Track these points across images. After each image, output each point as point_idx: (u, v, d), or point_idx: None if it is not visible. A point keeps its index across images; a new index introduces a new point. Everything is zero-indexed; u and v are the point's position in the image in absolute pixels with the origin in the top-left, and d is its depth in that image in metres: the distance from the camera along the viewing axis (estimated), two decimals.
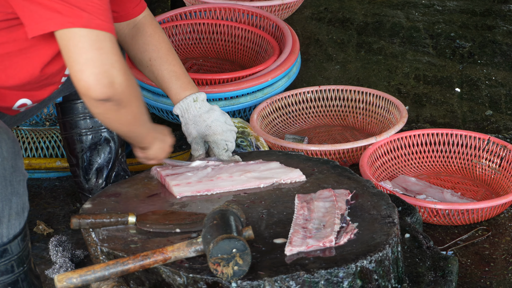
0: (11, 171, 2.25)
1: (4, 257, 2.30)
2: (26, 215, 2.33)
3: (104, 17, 2.19)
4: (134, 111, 2.32)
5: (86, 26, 2.16)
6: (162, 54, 2.74)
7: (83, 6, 2.16)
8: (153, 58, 2.73)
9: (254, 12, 4.03)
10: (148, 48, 2.74)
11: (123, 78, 2.20)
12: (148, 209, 2.52)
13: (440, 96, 3.96)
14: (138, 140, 2.53)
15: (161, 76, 2.73)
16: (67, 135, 2.99)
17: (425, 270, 2.48)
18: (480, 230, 3.05)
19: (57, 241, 2.85)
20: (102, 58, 2.16)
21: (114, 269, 2.19)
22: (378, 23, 4.49)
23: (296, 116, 3.70)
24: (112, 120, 2.32)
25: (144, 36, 2.74)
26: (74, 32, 2.16)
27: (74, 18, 2.15)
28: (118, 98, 2.22)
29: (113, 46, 2.19)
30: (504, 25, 4.47)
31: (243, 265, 2.13)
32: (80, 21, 2.16)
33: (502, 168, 3.26)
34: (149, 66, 2.74)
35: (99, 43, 2.16)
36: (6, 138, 2.24)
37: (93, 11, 2.17)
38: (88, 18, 2.16)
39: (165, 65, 2.73)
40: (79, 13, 2.16)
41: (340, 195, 2.49)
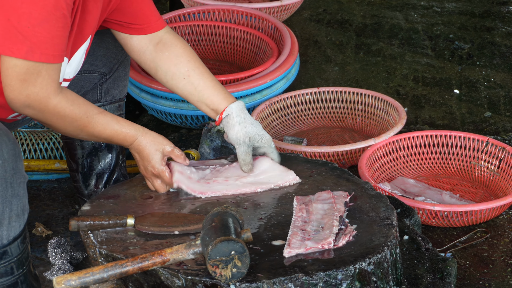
0: (11, 173, 2.25)
1: (3, 259, 2.30)
2: (26, 217, 2.33)
3: (48, 46, 2.32)
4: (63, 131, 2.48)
5: (22, 57, 2.31)
6: (198, 65, 2.71)
7: (28, 35, 2.29)
8: (191, 69, 2.69)
9: (252, 14, 4.03)
10: (183, 60, 2.70)
11: (38, 107, 2.38)
12: (146, 211, 2.52)
13: (439, 97, 3.96)
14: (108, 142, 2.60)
15: (204, 85, 2.68)
16: (67, 140, 2.98)
17: (423, 272, 2.48)
18: (479, 232, 3.05)
19: (56, 243, 2.85)
20: (20, 89, 2.34)
21: (112, 271, 2.19)
22: (377, 24, 4.49)
23: (294, 117, 3.70)
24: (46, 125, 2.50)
25: (176, 48, 2.71)
26: (8, 59, 2.32)
27: (14, 46, 2.29)
28: (34, 118, 2.44)
29: (40, 77, 2.35)
30: (503, 26, 4.48)
31: (241, 267, 2.13)
32: (19, 51, 2.30)
33: (500, 169, 3.26)
34: (187, 78, 2.69)
35: (25, 75, 2.33)
36: (7, 140, 2.25)
37: (38, 40, 2.30)
38: (29, 48, 2.30)
39: (206, 75, 2.69)
40: (21, 42, 2.29)
41: (338, 197, 2.49)
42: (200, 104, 2.70)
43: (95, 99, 2.93)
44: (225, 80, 3.57)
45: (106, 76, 2.91)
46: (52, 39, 2.31)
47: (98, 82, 2.91)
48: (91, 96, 2.92)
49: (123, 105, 3.02)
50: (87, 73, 2.87)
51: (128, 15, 2.69)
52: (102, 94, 2.94)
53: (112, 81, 2.93)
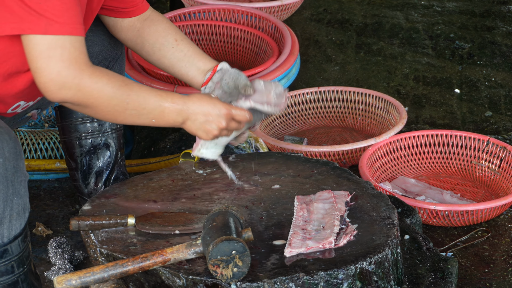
0: (12, 172, 2.25)
1: (4, 257, 2.30)
2: (27, 216, 2.34)
3: (65, 18, 2.24)
4: (107, 109, 2.32)
5: (42, 32, 2.22)
6: (185, 36, 2.76)
7: (42, 10, 2.21)
8: (179, 39, 2.73)
9: (253, 13, 4.03)
10: (170, 31, 2.74)
11: (74, 84, 2.25)
12: (147, 210, 2.52)
13: (439, 97, 3.96)
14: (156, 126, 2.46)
15: (193, 50, 2.71)
16: (66, 139, 2.98)
17: (424, 272, 2.48)
18: (479, 232, 3.05)
19: (56, 243, 2.85)
20: (48, 67, 2.23)
21: (113, 271, 2.19)
22: (378, 24, 4.49)
23: (295, 117, 3.70)
24: (90, 115, 2.39)
25: (162, 23, 2.75)
26: (29, 38, 2.23)
27: (31, 24, 2.21)
28: (72, 102, 2.28)
29: (65, 50, 2.24)
30: (503, 26, 4.47)
31: (242, 266, 2.13)
32: (37, 27, 2.21)
33: (501, 169, 3.26)
34: (175, 46, 2.72)
35: (48, 51, 2.23)
36: (8, 138, 2.25)
37: (53, 14, 2.22)
38: (46, 23, 2.22)
39: (193, 44, 2.74)
40: (37, 18, 2.21)
41: (339, 196, 2.49)
42: (189, 69, 2.71)
43: None
44: None
45: None
46: (68, 11, 2.25)
47: None
48: None
49: None
50: None
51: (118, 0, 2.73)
52: None
53: None
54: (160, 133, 3.67)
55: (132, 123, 2.41)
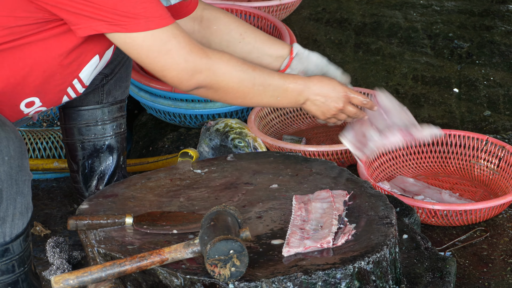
0: (17, 170, 2.26)
1: (5, 256, 2.30)
2: (29, 215, 2.34)
3: (159, 12, 2.26)
4: (235, 87, 2.36)
5: (149, 29, 2.24)
6: (247, 26, 2.79)
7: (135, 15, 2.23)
8: (243, 31, 2.76)
9: (251, 13, 4.02)
10: (232, 27, 2.76)
11: (204, 65, 2.29)
12: (145, 210, 2.52)
13: (438, 96, 3.96)
14: (280, 106, 2.53)
15: (260, 40, 2.75)
16: (68, 141, 2.97)
17: (423, 271, 2.48)
18: (478, 231, 3.05)
19: (54, 243, 2.85)
20: (173, 59, 2.26)
21: (111, 270, 2.19)
22: (376, 23, 4.48)
23: (294, 116, 3.69)
24: (220, 100, 2.41)
25: (221, 19, 2.77)
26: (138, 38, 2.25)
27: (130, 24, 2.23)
28: (207, 84, 2.32)
29: (176, 38, 2.26)
30: (502, 25, 4.47)
31: (240, 266, 2.12)
32: (138, 26, 2.23)
33: (500, 168, 3.26)
34: (242, 40, 2.76)
35: (165, 45, 2.26)
36: (14, 137, 2.26)
37: (145, 12, 2.24)
38: (145, 22, 2.23)
39: (257, 32, 2.77)
40: (134, 19, 2.23)
41: (337, 196, 2.49)
42: (262, 59, 2.76)
43: (96, 100, 2.93)
44: None
45: (107, 77, 2.90)
46: (157, 5, 2.26)
47: (100, 83, 2.91)
48: (92, 97, 2.92)
49: (124, 106, 3.02)
50: None
51: None
52: (103, 95, 2.94)
53: (114, 82, 2.93)
54: (159, 133, 3.67)
55: (258, 103, 2.45)
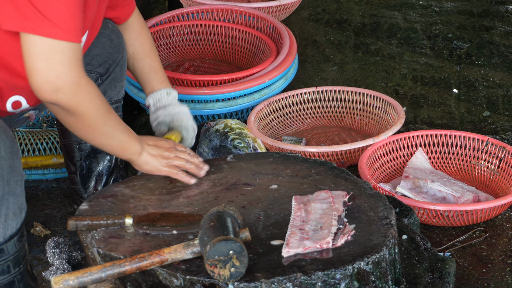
0: (8, 171, 2.25)
1: (0, 257, 2.30)
2: (23, 215, 2.34)
3: (68, 25, 2.28)
4: (86, 121, 2.39)
5: (44, 35, 2.25)
6: (145, 49, 2.92)
7: (47, 13, 2.24)
8: (136, 52, 2.92)
9: (251, 13, 4.03)
10: (134, 42, 2.92)
11: (70, 89, 2.29)
12: (145, 210, 2.52)
13: (437, 97, 3.96)
14: (111, 152, 2.60)
15: (141, 68, 2.92)
16: (65, 143, 2.98)
17: (422, 272, 2.48)
18: (477, 232, 3.05)
19: (54, 243, 2.85)
20: (48, 69, 2.26)
21: (110, 271, 2.19)
22: (376, 24, 4.49)
23: (293, 117, 3.70)
24: (64, 122, 2.42)
25: (132, 31, 2.92)
26: (29, 37, 2.26)
27: (35, 25, 2.24)
28: (64, 106, 2.32)
29: (65, 56, 2.28)
30: (501, 26, 4.47)
31: (240, 266, 2.12)
32: (40, 29, 2.24)
33: (500, 169, 3.26)
34: (131, 59, 2.93)
35: (49, 53, 2.26)
36: (5, 137, 2.25)
37: (56, 19, 2.25)
38: (50, 26, 2.25)
39: (146, 60, 2.92)
40: (41, 20, 2.24)
41: (337, 196, 2.49)
42: (139, 82, 2.97)
43: None
44: (223, 80, 3.57)
45: (102, 77, 2.91)
46: (72, 17, 2.29)
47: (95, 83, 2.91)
48: None
49: (120, 106, 3.03)
50: None
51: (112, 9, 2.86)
52: None
53: (109, 82, 2.93)
54: None
55: (100, 142, 2.50)
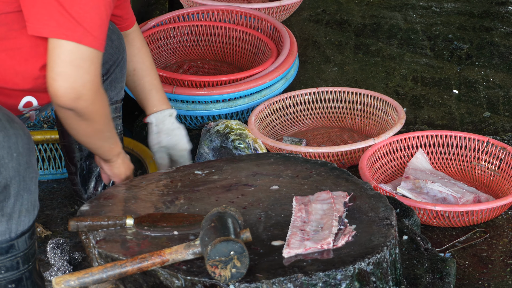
0: (25, 167, 2.27)
1: (10, 252, 2.31)
2: (36, 213, 2.35)
3: (98, 33, 2.31)
4: (96, 127, 2.46)
5: (77, 41, 2.28)
6: (145, 67, 2.98)
7: (81, 20, 2.27)
8: (137, 69, 2.97)
9: (252, 14, 4.03)
10: (134, 59, 2.97)
11: (91, 98, 2.33)
12: (146, 211, 2.52)
13: (438, 97, 3.96)
14: (98, 153, 2.68)
15: (142, 86, 2.98)
16: (65, 143, 2.98)
17: (423, 272, 2.48)
18: (478, 232, 3.05)
19: (55, 244, 2.85)
20: (76, 75, 2.29)
21: (112, 271, 2.19)
22: (376, 25, 4.49)
23: (294, 118, 3.70)
24: (72, 127, 2.46)
25: (132, 48, 2.96)
26: (62, 43, 2.27)
27: (68, 31, 2.26)
28: (80, 112, 2.36)
29: (93, 65, 2.32)
30: (502, 26, 4.48)
31: (241, 267, 2.13)
32: (74, 35, 2.27)
33: (501, 170, 3.26)
34: (131, 76, 2.98)
35: (80, 60, 2.29)
36: (22, 134, 2.27)
37: (90, 27, 2.28)
38: (83, 33, 2.28)
39: (147, 77, 2.97)
40: (75, 26, 2.27)
41: (338, 197, 2.49)
42: (139, 102, 3.04)
43: None
44: (224, 81, 3.57)
45: (103, 77, 2.91)
46: (101, 27, 2.32)
47: None
48: None
49: (120, 107, 3.03)
50: None
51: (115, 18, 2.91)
52: None
53: (109, 83, 2.94)
54: None
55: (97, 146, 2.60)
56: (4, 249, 2.30)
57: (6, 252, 2.30)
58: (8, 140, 2.23)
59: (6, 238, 2.29)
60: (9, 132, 2.24)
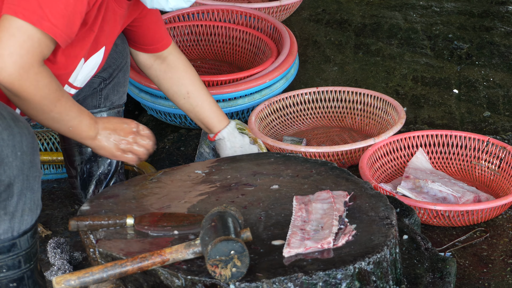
0: (29, 166, 2.27)
1: (12, 251, 2.31)
2: (38, 212, 2.35)
3: (59, 22, 2.30)
4: (33, 106, 2.37)
5: (31, 23, 2.26)
6: (198, 87, 3.02)
7: (45, 6, 2.26)
8: (191, 91, 3.01)
9: (252, 14, 4.03)
10: (184, 82, 3.00)
11: (15, 71, 2.27)
12: (146, 211, 2.52)
13: (438, 97, 3.96)
14: (66, 135, 2.55)
15: (201, 106, 3.02)
16: (66, 147, 2.98)
17: (423, 272, 2.48)
18: (478, 232, 3.05)
19: (55, 243, 2.85)
20: (6, 43, 2.26)
21: (112, 271, 2.19)
22: (376, 24, 4.49)
23: (294, 117, 3.70)
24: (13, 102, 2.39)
25: (178, 71, 2.99)
26: (15, 22, 2.27)
27: (27, 11, 2.25)
28: (5, 86, 2.30)
29: (29, 41, 2.28)
30: (501, 26, 4.48)
31: (241, 267, 2.13)
32: (31, 17, 2.26)
33: (501, 169, 3.26)
34: (186, 98, 3.01)
35: (17, 31, 2.26)
36: (27, 133, 2.27)
37: (50, 12, 2.27)
38: (40, 16, 2.27)
39: (204, 97, 3.03)
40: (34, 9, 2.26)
41: (338, 196, 2.49)
42: (197, 121, 3.08)
43: (94, 104, 2.94)
44: (224, 80, 3.57)
45: (105, 81, 2.91)
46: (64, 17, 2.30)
47: (98, 87, 2.92)
48: (90, 101, 2.93)
49: (122, 111, 3.04)
50: None
51: (139, 37, 2.91)
52: (101, 99, 2.95)
53: (112, 87, 2.94)
54: (159, 134, 3.67)
55: (48, 125, 2.48)
56: (6, 247, 2.30)
57: (8, 251, 2.30)
58: (13, 138, 2.23)
59: (8, 236, 2.29)
60: (14, 130, 2.24)
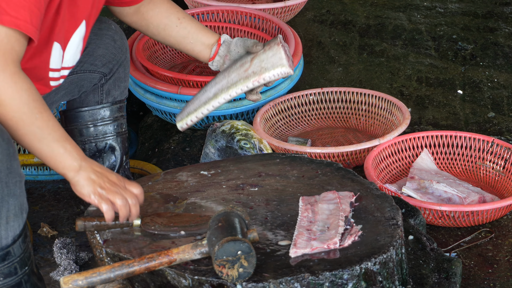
0: (6, 173, 2.24)
1: (7, 260, 2.30)
2: (25, 216, 2.33)
3: (19, 14, 2.23)
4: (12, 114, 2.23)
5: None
6: (186, 14, 2.90)
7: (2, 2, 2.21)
8: (181, 17, 2.87)
9: (256, 15, 4.03)
10: (173, 11, 2.87)
11: None
12: (152, 211, 2.52)
13: (442, 98, 3.96)
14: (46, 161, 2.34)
15: (196, 26, 2.86)
16: None
17: (429, 272, 2.49)
18: (483, 232, 3.06)
19: (62, 244, 2.86)
20: None
21: (119, 271, 2.20)
22: (380, 25, 4.49)
23: (299, 118, 3.70)
24: None
25: (164, 4, 2.87)
26: None
27: None
28: None
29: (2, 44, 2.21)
30: (506, 27, 4.48)
31: (248, 267, 2.13)
32: None
33: (506, 170, 3.26)
34: (179, 25, 2.86)
35: None
36: (1, 140, 2.23)
37: (8, 5, 2.22)
38: None
39: (194, 21, 2.89)
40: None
41: (344, 197, 2.49)
42: (194, 45, 2.87)
43: (96, 100, 2.95)
44: None
45: (106, 76, 2.92)
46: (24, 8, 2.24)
47: (99, 83, 2.93)
48: (92, 97, 2.94)
49: (124, 106, 3.04)
50: (87, 72, 2.88)
51: None
52: (103, 95, 2.96)
53: (113, 82, 2.94)
54: (164, 134, 3.68)
55: (27, 144, 2.29)
56: (0, 257, 2.29)
57: (3, 260, 2.29)
58: None
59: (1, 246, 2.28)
60: None
